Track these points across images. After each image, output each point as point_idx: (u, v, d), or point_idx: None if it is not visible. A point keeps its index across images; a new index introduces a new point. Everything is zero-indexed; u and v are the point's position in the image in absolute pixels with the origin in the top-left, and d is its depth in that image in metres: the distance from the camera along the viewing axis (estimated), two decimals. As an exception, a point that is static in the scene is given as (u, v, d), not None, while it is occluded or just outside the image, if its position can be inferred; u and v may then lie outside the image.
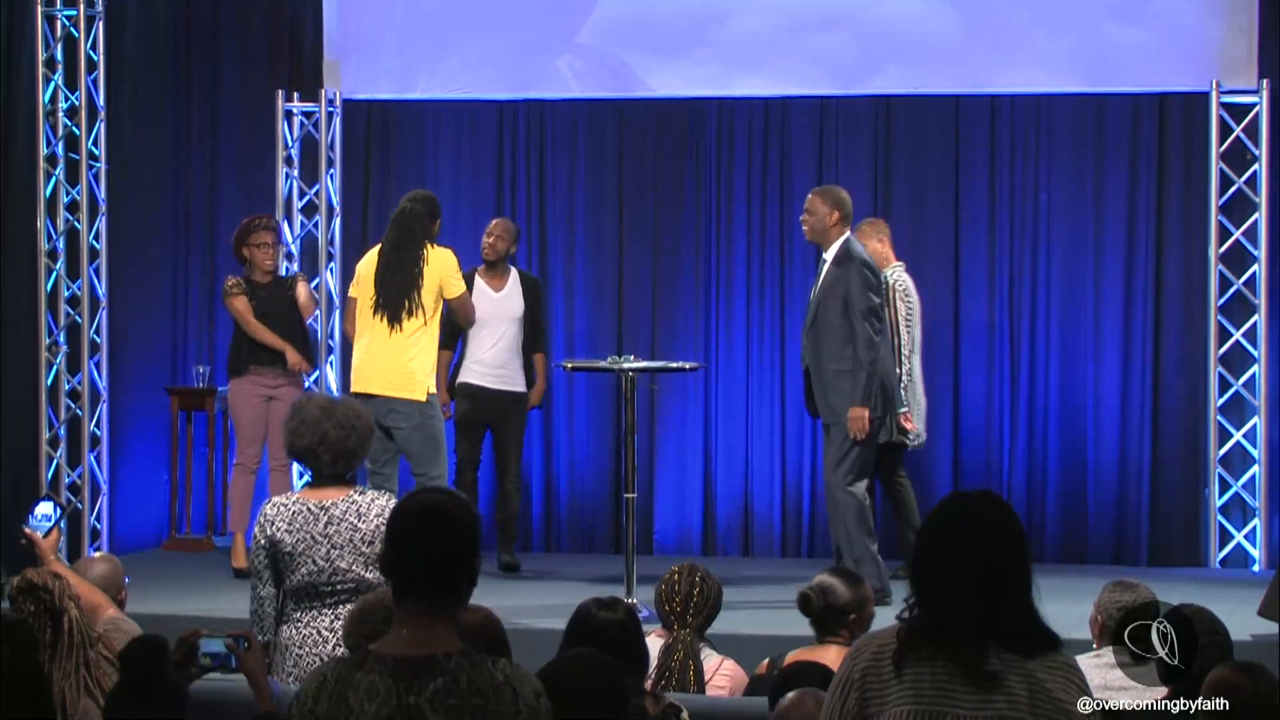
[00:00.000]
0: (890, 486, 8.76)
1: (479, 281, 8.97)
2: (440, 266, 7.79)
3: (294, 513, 5.23)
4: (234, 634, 4.22)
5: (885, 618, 5.19)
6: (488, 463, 9.09)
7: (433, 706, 3.08)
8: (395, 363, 7.72)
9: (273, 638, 5.28)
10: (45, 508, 5.38)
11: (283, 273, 9.38)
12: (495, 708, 3.09)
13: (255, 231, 8.96)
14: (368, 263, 7.93)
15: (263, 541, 5.24)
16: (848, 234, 7.94)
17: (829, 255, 7.91)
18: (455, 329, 8.72)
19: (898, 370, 8.37)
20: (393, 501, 5.21)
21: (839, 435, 7.84)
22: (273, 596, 5.28)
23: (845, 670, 3.21)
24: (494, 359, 8.95)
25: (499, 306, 8.96)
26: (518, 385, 9.03)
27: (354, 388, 7.83)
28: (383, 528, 5.08)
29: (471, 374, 8.98)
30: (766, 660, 5.20)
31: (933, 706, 3.10)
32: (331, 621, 5.21)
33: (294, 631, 5.24)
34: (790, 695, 3.98)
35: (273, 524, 5.23)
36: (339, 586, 5.20)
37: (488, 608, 4.43)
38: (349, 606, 5.17)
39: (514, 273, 9.13)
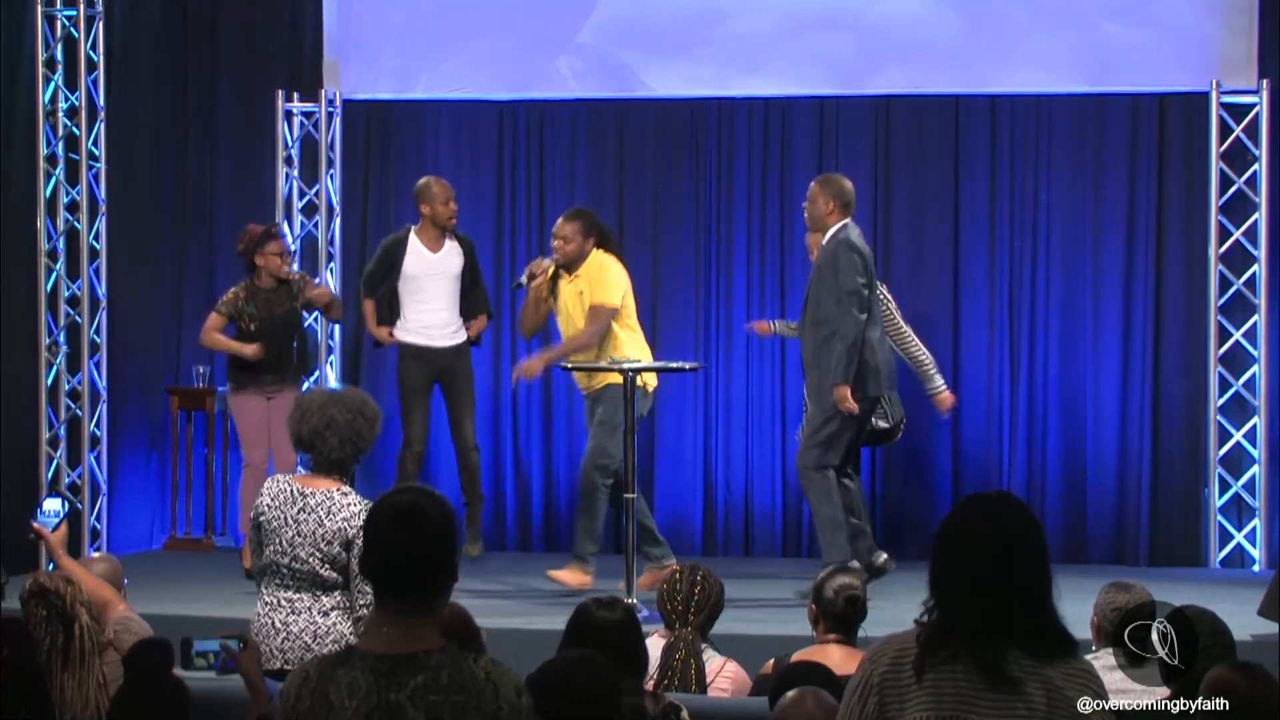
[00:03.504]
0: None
1: (415, 243, 8.90)
2: None
3: (280, 490, 5.28)
4: (228, 635, 4.23)
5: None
6: (442, 434, 9.13)
7: (413, 703, 3.09)
8: None
9: None
10: (53, 504, 5.49)
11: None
12: (476, 704, 3.10)
13: (273, 240, 8.93)
14: (622, 269, 8.29)
15: (253, 514, 5.34)
16: (844, 222, 7.99)
17: (823, 243, 8.00)
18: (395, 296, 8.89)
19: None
20: (366, 504, 5.24)
21: (816, 413, 7.99)
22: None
23: (864, 674, 3.18)
24: (438, 319, 8.90)
25: (432, 265, 8.88)
26: (461, 337, 8.98)
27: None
28: (345, 530, 5.12)
29: (410, 334, 8.92)
30: (772, 660, 5.21)
31: (952, 713, 3.09)
32: (286, 616, 5.23)
33: (256, 619, 5.29)
34: (790, 694, 3.98)
35: (263, 497, 5.31)
36: (298, 572, 5.22)
37: (457, 602, 4.41)
38: (305, 598, 5.20)
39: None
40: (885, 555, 8.00)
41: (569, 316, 8.28)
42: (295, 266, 10.03)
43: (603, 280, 8.16)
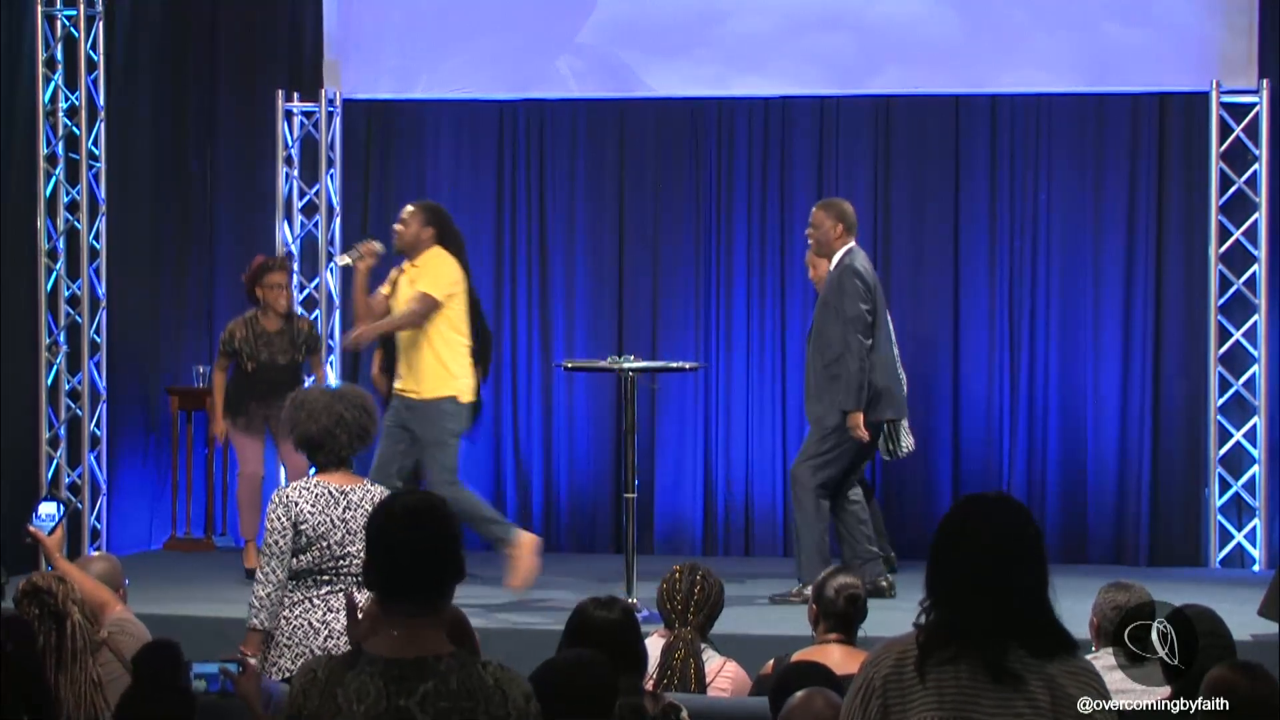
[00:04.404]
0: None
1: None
2: None
3: (317, 495, 5.31)
4: (227, 658, 4.23)
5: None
6: None
7: (423, 709, 3.08)
8: None
9: (272, 626, 5.31)
10: (49, 507, 5.50)
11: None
12: (485, 710, 3.09)
13: (270, 272, 8.90)
14: (457, 267, 7.97)
15: (286, 523, 5.27)
16: (850, 244, 8.02)
17: (831, 266, 8.02)
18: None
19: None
20: None
21: (815, 435, 8.05)
22: (282, 584, 5.30)
23: (866, 676, 3.18)
24: None
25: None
26: None
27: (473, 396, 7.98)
28: None
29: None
30: (772, 661, 5.21)
31: (956, 713, 3.09)
32: (324, 614, 5.27)
33: (284, 623, 5.30)
34: (799, 694, 3.97)
35: (296, 505, 5.29)
36: (343, 571, 5.28)
37: (455, 606, 4.41)
38: (340, 596, 5.22)
39: None
40: (889, 582, 8.02)
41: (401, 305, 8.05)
42: (295, 267, 10.05)
43: (431, 271, 7.93)
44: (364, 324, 8.10)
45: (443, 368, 7.87)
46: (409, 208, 8.13)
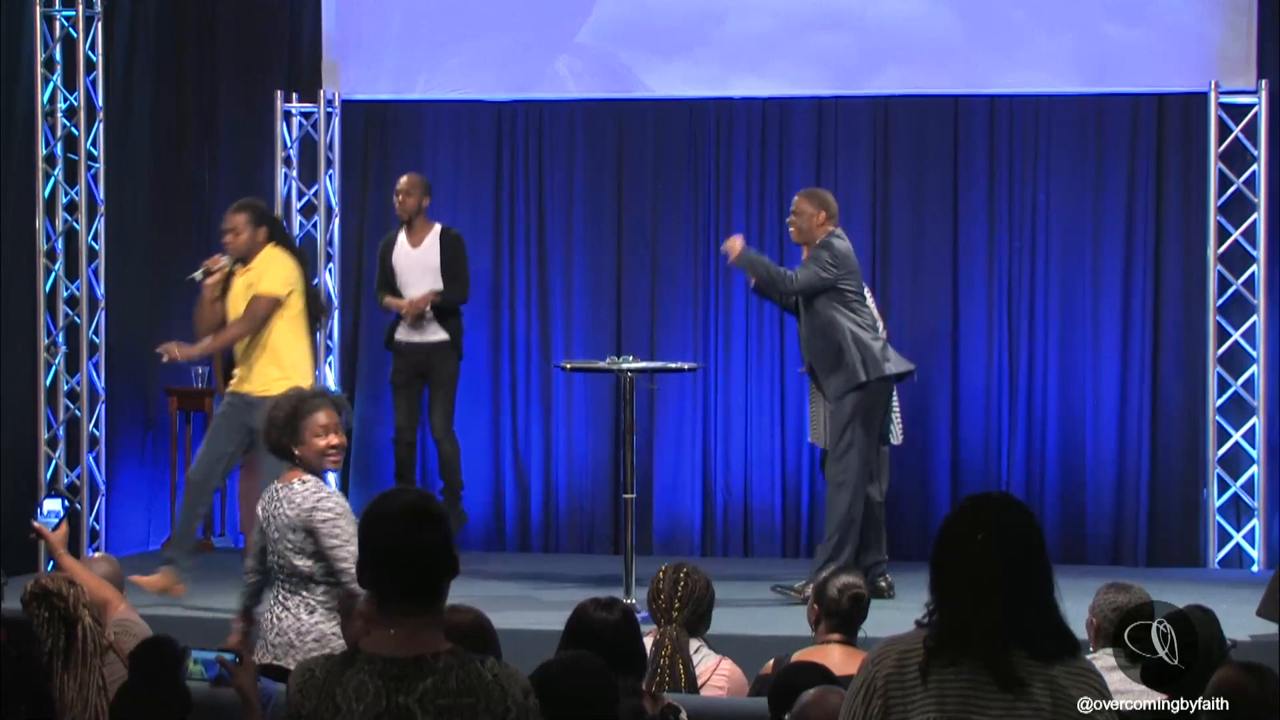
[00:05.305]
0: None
1: (400, 238, 9.09)
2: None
3: (268, 495, 5.46)
4: (225, 649, 4.24)
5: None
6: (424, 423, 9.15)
7: (422, 707, 3.08)
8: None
9: (249, 604, 5.60)
10: (53, 504, 5.59)
11: None
12: (485, 707, 3.09)
13: None
14: (294, 264, 7.92)
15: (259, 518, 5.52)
16: (831, 230, 8.01)
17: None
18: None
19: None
20: (324, 490, 5.33)
21: (836, 423, 7.97)
22: (254, 570, 5.55)
23: (867, 675, 3.17)
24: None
25: (414, 261, 8.96)
26: (439, 334, 8.92)
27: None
28: (302, 515, 5.24)
29: (398, 331, 9.04)
30: (772, 660, 5.20)
31: (957, 715, 3.08)
32: (280, 612, 5.37)
33: (266, 614, 5.49)
34: (812, 692, 3.97)
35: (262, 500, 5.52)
36: (283, 568, 5.36)
37: (477, 608, 4.43)
38: (295, 596, 5.31)
39: (436, 228, 9.09)
40: (888, 582, 7.99)
41: (239, 311, 7.97)
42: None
43: (270, 271, 7.87)
44: (208, 336, 8.04)
45: (280, 364, 7.84)
46: (233, 215, 7.98)
